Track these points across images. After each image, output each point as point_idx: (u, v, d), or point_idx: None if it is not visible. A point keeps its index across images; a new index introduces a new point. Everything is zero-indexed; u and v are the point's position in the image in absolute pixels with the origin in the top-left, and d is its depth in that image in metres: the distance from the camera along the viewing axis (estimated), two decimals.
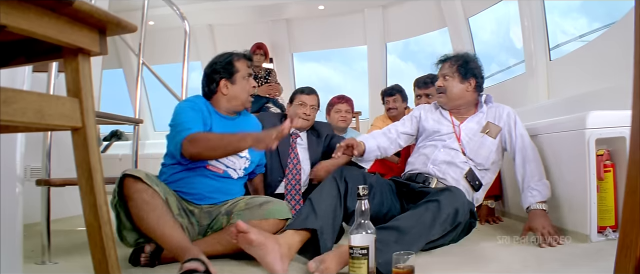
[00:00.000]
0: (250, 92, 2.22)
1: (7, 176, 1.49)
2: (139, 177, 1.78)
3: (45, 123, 0.77)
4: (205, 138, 1.95)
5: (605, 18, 3.53)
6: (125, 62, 6.79)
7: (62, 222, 2.94)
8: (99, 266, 0.85)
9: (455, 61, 2.43)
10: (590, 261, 1.81)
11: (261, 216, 2.00)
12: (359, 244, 1.46)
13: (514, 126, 2.38)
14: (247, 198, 2.10)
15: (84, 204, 0.85)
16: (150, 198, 1.76)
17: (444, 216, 1.88)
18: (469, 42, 5.30)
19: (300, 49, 7.01)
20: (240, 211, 2.02)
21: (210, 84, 2.17)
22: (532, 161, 2.31)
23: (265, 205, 2.03)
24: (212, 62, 2.21)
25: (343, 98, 3.61)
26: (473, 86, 2.42)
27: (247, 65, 2.22)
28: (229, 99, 2.18)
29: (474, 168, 2.35)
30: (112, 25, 0.88)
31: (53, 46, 0.84)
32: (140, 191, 1.76)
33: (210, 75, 2.18)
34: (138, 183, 1.77)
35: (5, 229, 1.43)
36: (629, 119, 2.11)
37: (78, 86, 0.85)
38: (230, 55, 2.21)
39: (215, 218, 2.07)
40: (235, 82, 2.17)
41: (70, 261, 2.02)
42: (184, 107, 2.09)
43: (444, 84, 2.43)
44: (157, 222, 1.71)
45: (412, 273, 1.53)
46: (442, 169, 2.34)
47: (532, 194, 2.25)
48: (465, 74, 2.39)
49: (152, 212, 1.73)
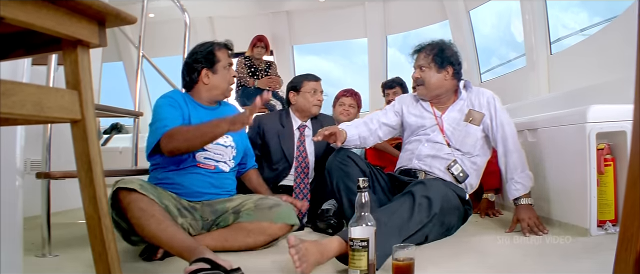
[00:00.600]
0: (230, 82, 2.21)
1: (7, 169, 1.49)
2: (132, 189, 1.77)
3: (44, 115, 0.77)
4: (181, 131, 1.94)
5: (606, 12, 3.52)
6: (125, 54, 6.78)
7: (62, 215, 2.94)
8: (99, 258, 0.85)
9: (430, 51, 2.37)
10: (590, 255, 1.81)
11: (271, 219, 2.01)
12: (359, 236, 1.46)
13: (495, 114, 2.33)
14: (257, 199, 2.11)
15: (84, 196, 0.85)
16: (147, 206, 1.75)
17: (417, 207, 1.87)
18: (469, 36, 5.29)
19: (300, 41, 7.00)
20: (249, 211, 2.03)
21: (191, 73, 2.16)
22: (514, 152, 2.30)
23: (275, 208, 2.04)
24: (192, 51, 2.20)
25: (349, 92, 3.60)
26: (451, 73, 2.36)
27: (228, 54, 2.21)
28: (210, 88, 2.16)
29: (462, 158, 2.33)
30: (111, 16, 0.88)
31: (52, 38, 0.84)
32: (136, 200, 1.75)
33: (191, 64, 2.16)
34: (132, 194, 1.76)
35: (5, 222, 1.43)
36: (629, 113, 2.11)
37: (77, 78, 0.85)
38: (211, 44, 2.20)
39: (221, 216, 2.07)
40: (216, 72, 2.16)
41: (70, 253, 2.02)
42: (161, 104, 2.08)
43: (421, 76, 2.38)
44: (158, 228, 1.70)
45: (412, 265, 1.53)
46: (428, 162, 2.33)
47: (516, 187, 2.26)
48: (441, 62, 2.34)
49: (151, 218, 1.72)
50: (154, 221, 1.71)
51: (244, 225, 2.00)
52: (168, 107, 2.06)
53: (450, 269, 1.63)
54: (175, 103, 2.08)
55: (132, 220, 1.76)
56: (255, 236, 2.00)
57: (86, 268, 1.75)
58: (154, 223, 1.71)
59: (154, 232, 1.71)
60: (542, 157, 2.53)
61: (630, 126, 1.95)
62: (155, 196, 1.81)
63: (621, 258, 0.72)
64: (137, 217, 1.73)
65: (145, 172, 2.49)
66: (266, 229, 2.01)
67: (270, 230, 2.01)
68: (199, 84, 2.16)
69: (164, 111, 2.04)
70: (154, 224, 1.70)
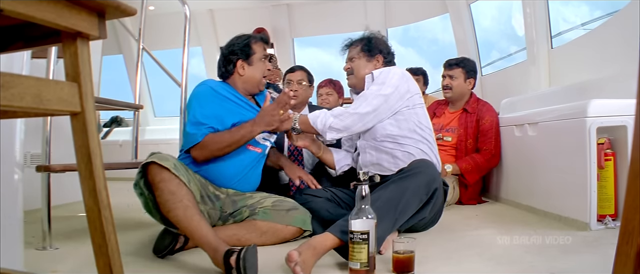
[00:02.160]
0: (265, 75, 2.24)
1: (7, 163, 1.49)
2: (166, 167, 1.76)
3: (43, 108, 0.77)
4: (214, 141, 1.99)
5: (607, 6, 3.50)
6: (125, 47, 6.76)
7: (62, 208, 2.95)
8: (99, 250, 0.85)
9: (359, 42, 2.39)
10: (590, 249, 1.82)
11: (287, 222, 2.03)
12: (360, 229, 1.47)
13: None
14: (274, 199, 2.11)
15: (84, 188, 0.84)
16: (176, 188, 1.74)
17: (415, 187, 1.85)
18: (470, 29, 5.27)
19: (301, 34, 6.97)
20: (266, 210, 2.04)
21: (227, 64, 2.19)
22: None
23: (292, 212, 2.06)
24: (230, 43, 2.23)
25: (325, 81, 3.64)
26: (381, 62, 2.35)
27: (263, 47, 2.24)
28: (245, 80, 2.19)
29: (381, 149, 2.23)
30: (111, 8, 0.87)
31: (51, 30, 0.83)
32: (166, 180, 1.75)
33: (227, 56, 2.19)
34: (164, 172, 1.75)
35: (5, 215, 1.43)
36: (630, 107, 2.11)
37: (77, 70, 0.84)
38: (248, 37, 2.23)
39: (239, 209, 2.08)
40: (252, 64, 2.18)
41: (70, 246, 2.03)
42: (198, 94, 2.10)
43: (351, 66, 2.37)
44: (185, 214, 1.70)
45: (412, 258, 1.54)
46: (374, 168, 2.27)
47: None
48: (370, 52, 2.34)
49: (179, 203, 1.72)
50: (181, 206, 1.71)
51: (258, 224, 2.00)
52: (203, 100, 2.08)
53: (450, 262, 1.63)
54: (219, 96, 2.11)
55: (159, 199, 1.77)
56: (267, 238, 2.01)
57: (86, 260, 1.76)
58: (182, 208, 1.71)
59: (180, 218, 1.71)
60: (542, 151, 2.53)
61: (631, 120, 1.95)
62: (186, 178, 1.80)
63: (622, 252, 0.72)
64: (166, 199, 1.74)
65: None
66: (280, 232, 2.02)
67: (283, 233, 2.02)
68: (235, 75, 2.19)
69: (200, 106, 2.07)
70: (181, 210, 1.71)
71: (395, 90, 2.15)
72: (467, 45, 5.14)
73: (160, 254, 1.85)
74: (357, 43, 2.40)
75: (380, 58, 2.35)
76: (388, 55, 2.38)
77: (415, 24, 6.68)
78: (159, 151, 1.85)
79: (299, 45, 7.07)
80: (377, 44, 2.36)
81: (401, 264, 1.53)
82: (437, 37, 7.49)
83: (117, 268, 0.86)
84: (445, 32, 5.86)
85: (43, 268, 1.70)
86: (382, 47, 2.36)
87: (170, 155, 1.85)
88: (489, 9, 5.62)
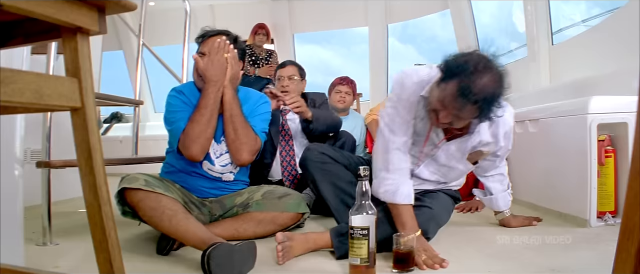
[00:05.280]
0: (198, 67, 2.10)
1: (7, 159, 1.49)
2: (137, 188, 1.76)
3: (43, 103, 0.76)
4: (192, 121, 1.95)
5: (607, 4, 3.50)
6: (125, 43, 6.76)
7: (62, 204, 2.95)
8: (100, 246, 0.85)
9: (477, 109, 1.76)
10: (590, 245, 1.82)
11: (281, 209, 2.02)
12: (360, 224, 1.47)
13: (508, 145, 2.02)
14: (265, 190, 2.10)
15: (84, 184, 0.84)
16: (155, 203, 1.74)
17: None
18: (470, 25, 5.26)
19: (301, 30, 6.96)
20: (259, 202, 2.03)
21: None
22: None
23: (284, 198, 2.05)
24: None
25: (345, 79, 3.61)
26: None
27: (205, 43, 2.13)
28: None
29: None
30: (111, 3, 0.87)
31: (51, 26, 0.83)
32: (144, 199, 1.75)
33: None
34: (138, 193, 1.76)
35: (6, 212, 1.43)
36: (630, 104, 2.11)
37: (77, 65, 0.84)
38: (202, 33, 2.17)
39: (229, 210, 2.08)
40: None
41: (71, 241, 2.03)
42: (168, 102, 2.09)
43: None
44: (170, 224, 1.70)
45: (413, 254, 1.54)
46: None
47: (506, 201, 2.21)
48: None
49: (163, 215, 1.71)
50: (165, 217, 1.71)
51: (254, 215, 2.00)
52: (172, 104, 2.06)
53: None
54: (177, 94, 2.09)
55: (144, 218, 1.78)
56: (265, 226, 2.00)
57: (87, 255, 1.76)
58: (166, 219, 1.70)
59: (167, 229, 1.71)
60: (543, 148, 2.53)
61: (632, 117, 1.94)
62: (163, 189, 1.80)
63: (623, 248, 0.72)
64: (150, 215, 1.74)
65: (146, 160, 2.50)
66: (276, 218, 2.01)
67: (280, 220, 2.01)
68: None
69: (168, 113, 2.06)
70: (167, 221, 1.70)
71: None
72: (467, 41, 5.13)
73: (162, 252, 1.86)
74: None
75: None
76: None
77: (414, 21, 6.67)
78: (128, 173, 1.86)
79: (299, 41, 7.06)
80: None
81: (402, 259, 1.53)
82: (436, 34, 7.49)
83: (118, 263, 0.86)
84: (444, 29, 5.85)
85: (44, 264, 1.69)
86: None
87: (140, 173, 1.85)
88: (489, 5, 5.61)
